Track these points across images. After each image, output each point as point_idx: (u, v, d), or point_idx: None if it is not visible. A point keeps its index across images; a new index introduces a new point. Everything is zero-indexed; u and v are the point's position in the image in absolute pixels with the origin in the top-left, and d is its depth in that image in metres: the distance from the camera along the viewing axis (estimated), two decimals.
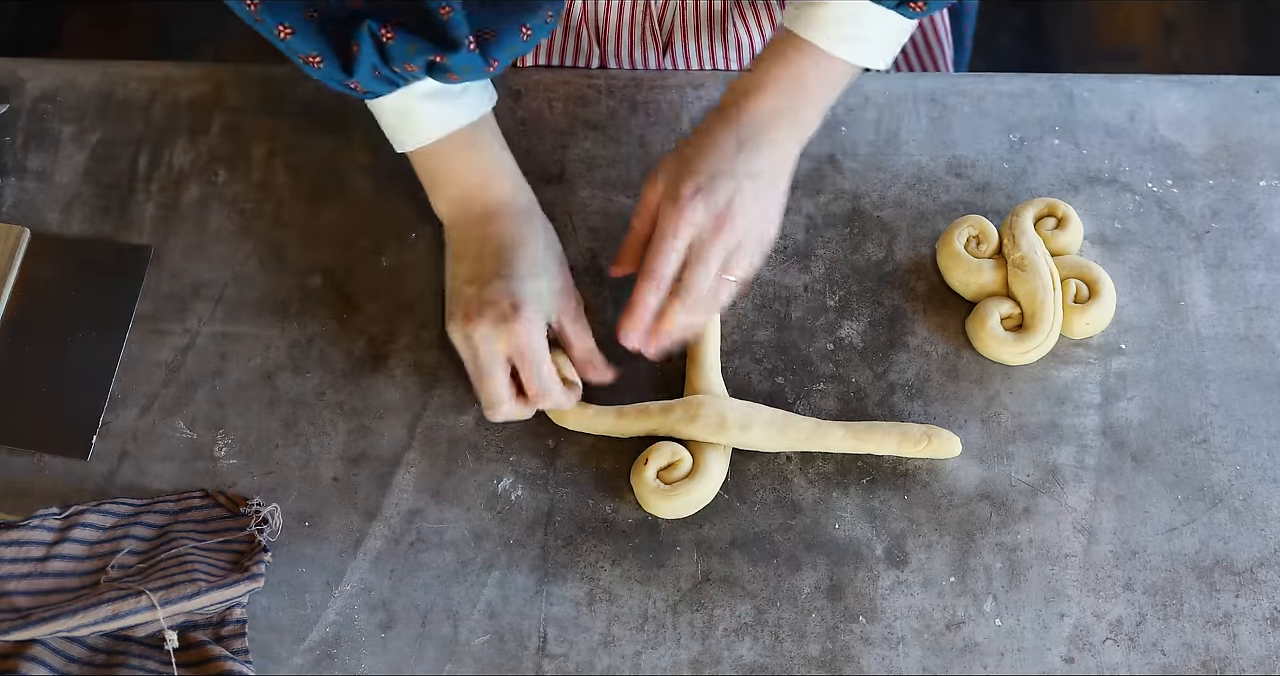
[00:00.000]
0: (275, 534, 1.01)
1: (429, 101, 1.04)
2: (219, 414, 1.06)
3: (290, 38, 0.99)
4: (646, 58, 1.23)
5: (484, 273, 1.04)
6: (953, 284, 1.10)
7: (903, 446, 1.02)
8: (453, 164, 1.07)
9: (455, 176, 1.07)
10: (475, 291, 1.03)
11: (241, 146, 1.17)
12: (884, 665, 0.97)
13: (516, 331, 1.01)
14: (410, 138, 1.06)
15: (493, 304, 1.01)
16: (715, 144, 1.02)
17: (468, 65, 1.00)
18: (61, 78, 1.20)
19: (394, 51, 0.99)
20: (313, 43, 0.99)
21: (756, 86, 1.03)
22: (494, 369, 1.02)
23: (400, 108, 1.04)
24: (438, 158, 1.07)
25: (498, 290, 1.02)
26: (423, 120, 1.04)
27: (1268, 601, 0.99)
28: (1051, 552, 1.01)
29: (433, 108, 1.04)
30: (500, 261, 1.04)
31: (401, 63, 0.99)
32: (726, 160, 1.01)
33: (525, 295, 1.02)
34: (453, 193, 1.07)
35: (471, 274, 1.04)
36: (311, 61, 1.00)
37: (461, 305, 1.03)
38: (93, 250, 1.13)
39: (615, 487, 1.03)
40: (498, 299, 1.02)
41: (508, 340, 1.01)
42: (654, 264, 1.00)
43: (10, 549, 0.99)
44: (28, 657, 0.94)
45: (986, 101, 1.18)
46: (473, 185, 1.07)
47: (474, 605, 0.99)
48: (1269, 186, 1.14)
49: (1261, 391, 1.06)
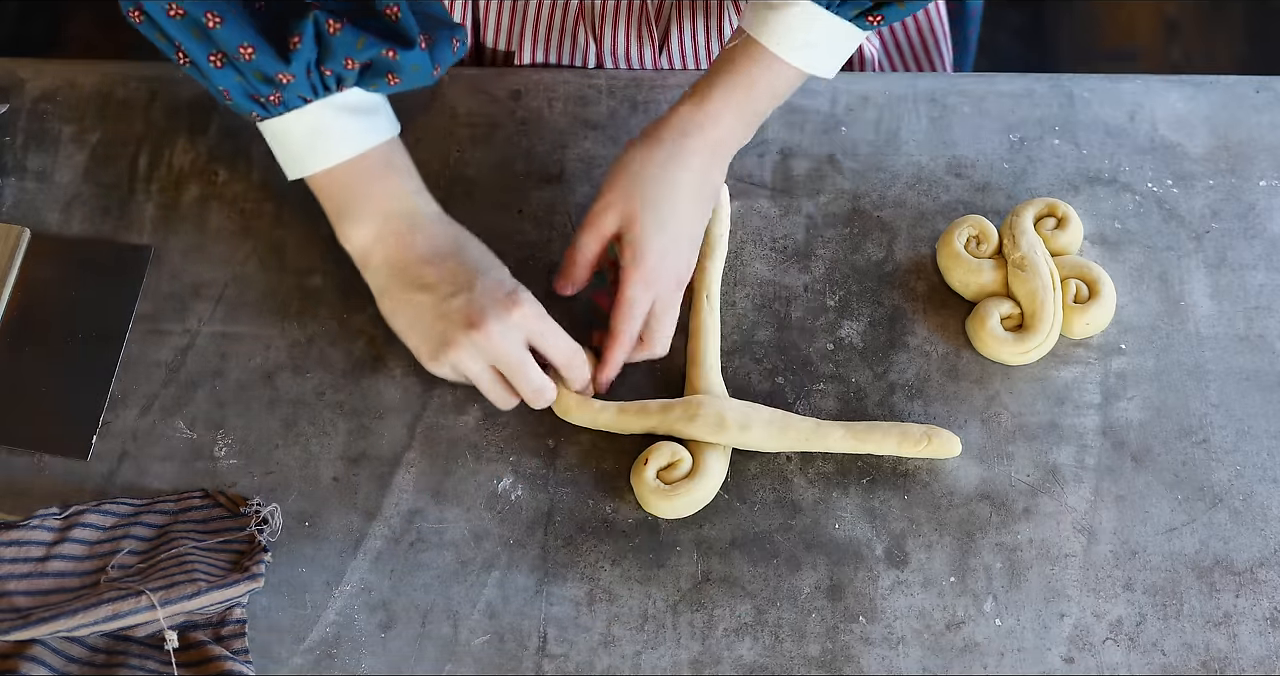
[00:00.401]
0: (275, 534, 1.01)
1: (345, 116, 1.01)
2: (219, 414, 1.06)
3: (218, 28, 0.96)
4: (643, 53, 1.23)
5: (455, 283, 1.01)
6: (953, 284, 1.10)
7: (903, 446, 1.02)
8: (371, 184, 1.03)
9: (376, 197, 1.03)
10: (463, 302, 1.00)
11: (241, 146, 1.17)
12: (884, 665, 0.97)
13: (527, 315, 1.00)
14: (319, 158, 1.02)
15: (491, 301, 1.00)
16: (672, 185, 1.02)
17: (417, 64, 0.99)
18: (61, 78, 1.20)
19: (338, 44, 0.97)
20: (245, 32, 0.96)
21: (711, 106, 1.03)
22: (526, 367, 1.01)
23: (314, 123, 1.01)
24: (354, 178, 1.03)
25: (486, 288, 1.01)
26: (338, 136, 1.01)
27: (1268, 601, 0.99)
28: (1051, 552, 1.01)
29: (349, 122, 1.01)
30: (462, 267, 1.02)
31: (343, 58, 0.97)
32: (684, 206, 1.03)
33: (511, 282, 1.02)
34: (373, 216, 1.03)
35: (442, 293, 1.01)
36: (242, 53, 0.97)
37: (449, 324, 1.00)
38: (93, 250, 1.13)
39: (615, 487, 1.03)
40: (492, 293, 1.00)
41: (523, 327, 1.00)
42: (626, 328, 1.02)
43: (10, 549, 0.99)
44: (28, 657, 0.94)
45: (986, 101, 1.18)
46: (398, 204, 1.03)
47: (474, 605, 0.99)
48: (1269, 186, 1.14)
49: (1261, 391, 1.06)
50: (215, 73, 0.99)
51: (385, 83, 1.01)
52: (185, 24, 0.97)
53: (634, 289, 1.02)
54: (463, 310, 1.00)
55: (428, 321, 1.02)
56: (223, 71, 0.99)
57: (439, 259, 1.02)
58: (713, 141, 1.04)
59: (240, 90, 1.00)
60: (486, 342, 1.00)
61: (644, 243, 1.02)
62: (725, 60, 1.04)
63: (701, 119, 1.04)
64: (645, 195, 1.02)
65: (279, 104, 1.00)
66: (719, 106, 1.04)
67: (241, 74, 0.99)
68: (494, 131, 1.17)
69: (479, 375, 1.02)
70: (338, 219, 1.04)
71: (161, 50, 1.01)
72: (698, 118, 1.04)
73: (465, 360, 1.00)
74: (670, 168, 1.03)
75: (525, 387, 1.02)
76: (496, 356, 1.00)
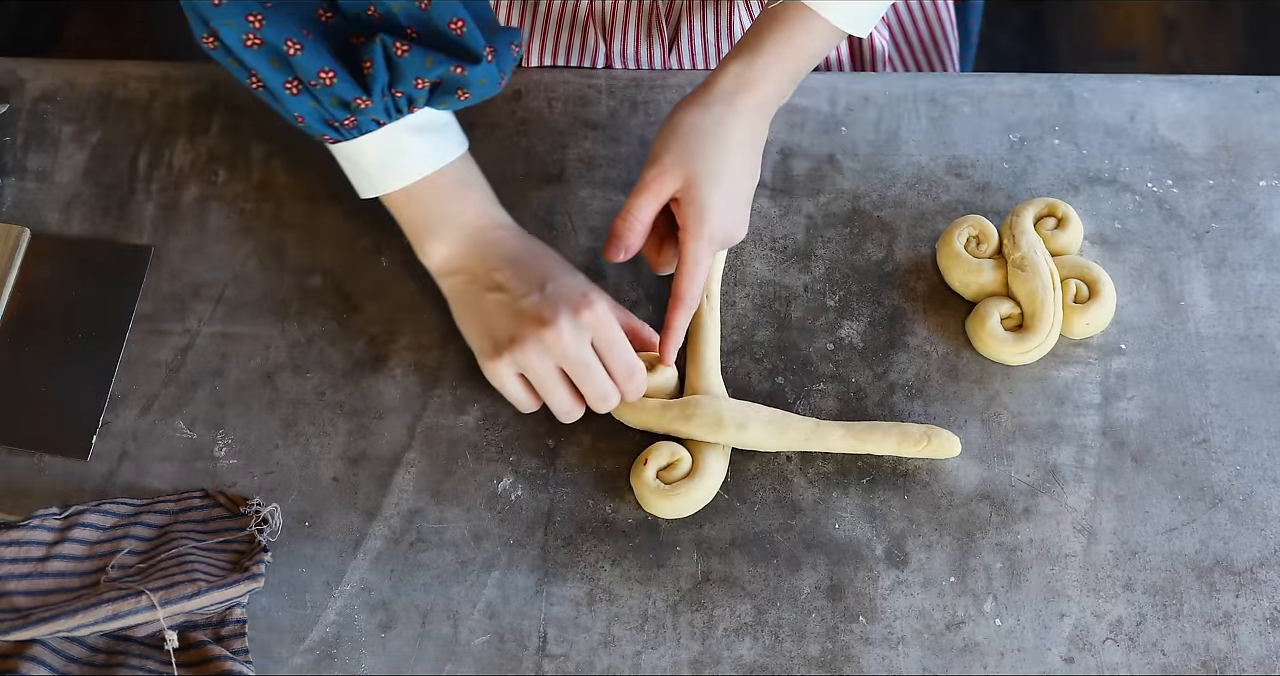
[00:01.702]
0: (275, 534, 1.01)
1: (419, 135, 1.02)
2: (219, 414, 1.06)
3: (298, 55, 0.97)
4: (652, 53, 1.23)
5: (529, 283, 1.02)
6: (953, 284, 1.10)
7: (902, 446, 1.02)
8: (448, 201, 1.05)
9: (453, 213, 1.04)
10: (535, 300, 1.01)
11: (241, 146, 1.17)
12: (884, 665, 0.97)
13: (599, 318, 1.00)
14: (394, 179, 1.03)
15: (564, 301, 1.00)
16: (725, 144, 1.03)
17: (485, 77, 1.00)
18: (61, 78, 1.20)
19: (407, 65, 0.98)
20: (324, 58, 0.97)
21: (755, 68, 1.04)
22: (595, 369, 1.01)
23: (387, 144, 1.02)
24: (430, 195, 1.04)
25: (560, 288, 1.01)
26: (411, 156, 1.03)
27: (1268, 601, 0.99)
28: (1051, 552, 1.01)
29: (423, 141, 1.02)
30: (536, 271, 1.03)
31: (412, 79, 0.98)
32: (737, 165, 1.03)
33: (585, 285, 1.02)
34: (451, 231, 1.04)
35: (515, 293, 1.02)
36: (323, 79, 0.98)
37: (520, 321, 1.00)
38: (93, 250, 1.13)
39: (615, 487, 1.03)
40: (566, 294, 1.01)
41: (593, 329, 1.00)
42: (692, 289, 1.02)
43: (10, 549, 0.99)
44: (28, 657, 0.94)
45: (986, 101, 1.18)
46: (474, 218, 1.05)
47: (474, 605, 0.99)
48: (1269, 186, 1.14)
49: (1261, 391, 1.06)
50: (291, 99, 1.00)
51: (455, 98, 1.01)
52: (263, 52, 0.98)
53: (698, 249, 1.02)
54: (535, 308, 1.00)
55: (498, 320, 1.02)
56: (298, 98, 1.00)
57: (515, 264, 1.03)
58: (759, 101, 1.05)
59: (315, 116, 1.01)
60: (556, 341, 0.99)
61: (705, 202, 1.02)
62: (767, 20, 1.05)
63: (748, 80, 1.04)
64: (701, 155, 1.02)
65: (353, 128, 1.01)
66: (763, 67, 1.04)
67: (317, 100, 0.99)
68: (494, 131, 1.17)
69: (545, 375, 1.01)
70: (416, 235, 1.05)
71: (234, 74, 1.01)
72: (744, 79, 1.04)
73: (533, 358, 1.00)
74: (722, 128, 1.03)
75: (592, 389, 1.01)
76: (565, 355, 1.00)
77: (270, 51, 0.98)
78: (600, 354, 1.01)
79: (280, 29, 0.97)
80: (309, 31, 0.98)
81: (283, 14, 0.97)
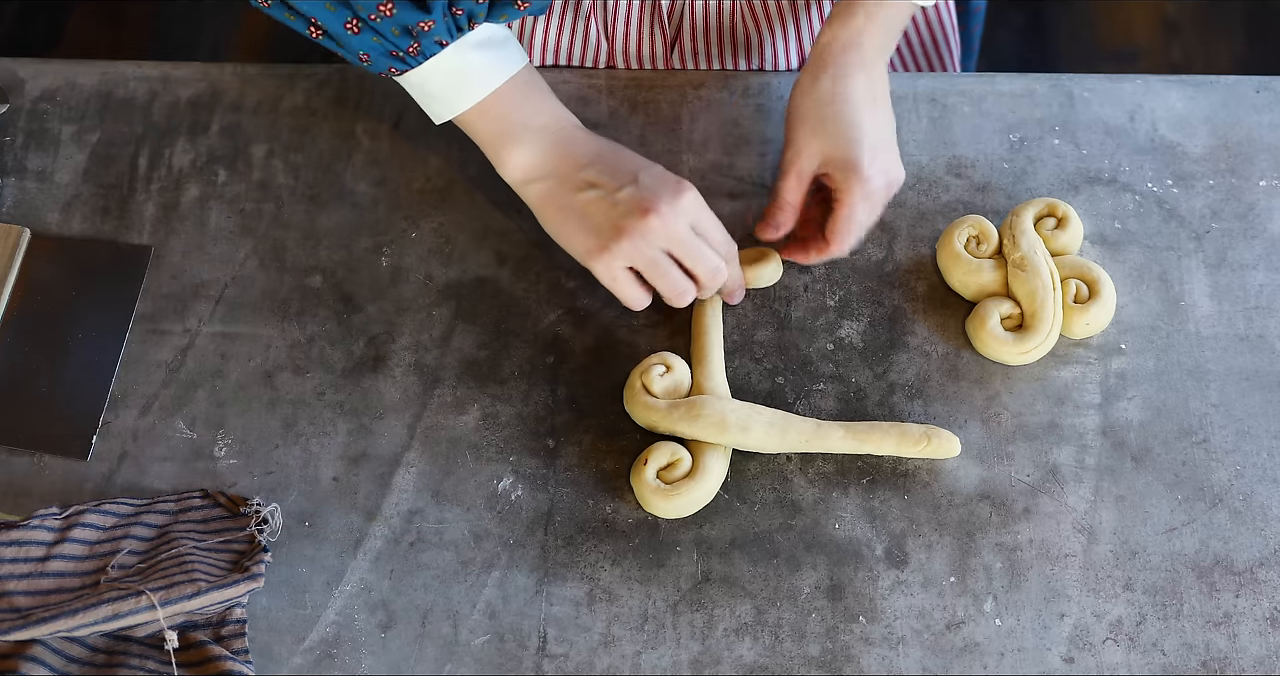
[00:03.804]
0: (275, 534, 1.01)
1: (481, 51, 1.03)
2: (219, 414, 1.06)
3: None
4: (655, 53, 1.24)
5: (620, 178, 1.03)
6: (953, 284, 1.10)
7: (902, 446, 1.02)
8: (522, 108, 1.05)
9: (529, 119, 1.05)
10: (632, 191, 1.02)
11: (241, 146, 1.17)
12: (884, 665, 0.97)
13: (695, 201, 1.02)
14: (466, 97, 1.04)
15: (661, 187, 1.02)
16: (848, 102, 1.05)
17: None
18: (61, 78, 1.20)
19: None
20: None
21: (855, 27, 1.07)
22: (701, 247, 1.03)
23: (453, 65, 1.03)
24: (504, 107, 1.05)
25: (653, 177, 1.03)
26: (479, 70, 1.03)
27: (1268, 601, 0.99)
28: (1051, 552, 1.01)
29: (486, 56, 1.03)
30: (623, 164, 1.04)
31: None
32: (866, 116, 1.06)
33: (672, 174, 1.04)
34: (529, 137, 1.05)
35: (609, 187, 1.03)
36: (382, 10, 0.98)
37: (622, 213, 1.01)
38: (93, 250, 1.13)
39: (615, 487, 1.03)
40: (660, 181, 1.02)
41: (691, 212, 1.02)
42: (846, 242, 1.06)
43: (10, 549, 0.99)
44: (28, 657, 0.94)
45: (986, 101, 1.18)
46: (550, 121, 1.06)
47: (474, 605, 0.99)
48: (1269, 186, 1.14)
49: (1261, 391, 1.06)
50: (353, 39, 1.01)
51: (514, 9, 1.02)
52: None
53: (857, 206, 1.05)
54: (634, 197, 1.02)
55: (597, 215, 1.03)
56: (360, 36, 1.01)
57: (600, 161, 1.04)
58: (867, 57, 1.07)
59: (379, 51, 1.02)
60: (661, 226, 1.01)
61: (852, 162, 1.04)
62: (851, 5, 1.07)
63: (848, 41, 1.06)
64: (830, 123, 1.05)
65: (417, 55, 1.02)
66: (860, 27, 1.06)
67: (379, 34, 1.00)
68: None
69: (654, 260, 1.02)
70: (494, 148, 1.06)
71: (293, 28, 1.02)
72: (845, 41, 1.06)
73: (641, 246, 1.01)
74: (839, 93, 1.05)
75: (702, 266, 1.03)
76: (671, 238, 1.02)
77: None
78: (700, 235, 1.03)
79: None
80: None
81: None
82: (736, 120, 1.17)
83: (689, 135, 1.17)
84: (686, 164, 1.15)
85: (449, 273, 1.11)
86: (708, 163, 1.15)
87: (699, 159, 1.16)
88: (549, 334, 1.08)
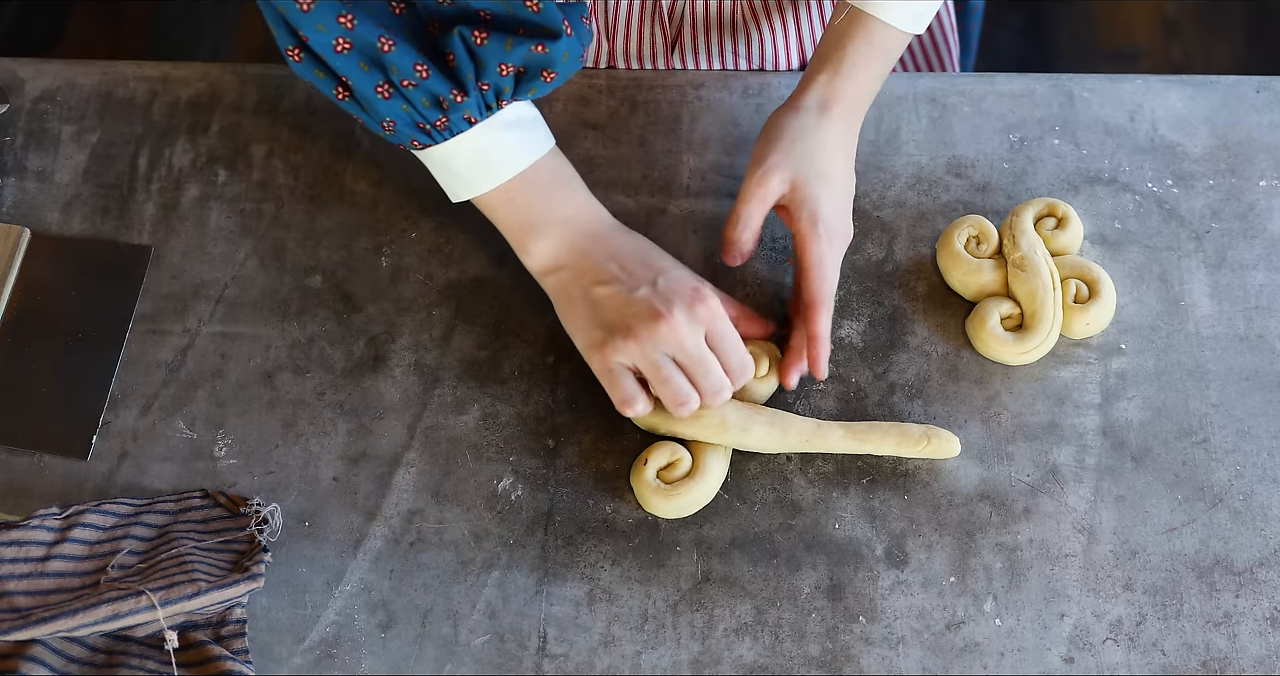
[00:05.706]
0: (275, 534, 1.01)
1: (509, 131, 1.01)
2: (219, 414, 1.06)
3: (392, 51, 0.95)
4: (655, 53, 1.24)
5: (640, 277, 1.01)
6: (953, 284, 1.10)
7: (902, 446, 1.02)
8: (547, 196, 1.03)
9: (554, 208, 1.03)
10: (648, 293, 0.99)
11: (241, 146, 1.17)
12: (884, 665, 0.97)
13: (712, 312, 0.99)
14: (490, 177, 1.02)
15: (677, 294, 0.99)
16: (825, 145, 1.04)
17: (567, 51, 0.98)
18: (61, 78, 1.20)
19: (488, 53, 0.96)
20: (415, 51, 0.96)
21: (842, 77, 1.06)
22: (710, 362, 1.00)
23: (479, 143, 1.00)
24: (527, 193, 1.02)
25: (671, 282, 1.00)
26: (502, 153, 1.01)
27: (1268, 601, 0.99)
28: (1051, 552, 1.01)
29: (514, 137, 1.01)
30: (645, 264, 1.02)
31: (496, 66, 0.97)
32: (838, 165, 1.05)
33: (696, 279, 1.02)
34: (553, 227, 1.02)
35: (626, 286, 1.00)
36: (418, 73, 0.96)
37: (633, 315, 0.99)
38: (93, 250, 1.13)
39: (615, 487, 1.03)
40: (678, 287, 1.00)
41: (706, 323, 0.99)
42: (826, 290, 1.03)
43: (10, 549, 0.99)
44: (28, 657, 0.94)
45: (986, 101, 1.18)
46: (575, 212, 1.03)
47: (474, 605, 1.00)
48: (1269, 186, 1.14)
49: (1261, 391, 1.06)
50: (382, 104, 0.98)
51: (542, 82, 0.99)
52: (353, 56, 0.96)
53: (820, 248, 1.02)
54: (648, 301, 0.99)
55: (609, 312, 1.00)
56: (390, 102, 0.98)
57: (623, 258, 1.02)
58: (850, 107, 1.06)
59: (406, 120, 0.99)
60: (670, 333, 0.98)
61: (817, 201, 1.03)
62: (842, 30, 1.06)
63: (836, 89, 1.06)
64: (804, 157, 1.04)
65: (444, 130, 1.00)
66: (847, 75, 1.06)
67: (409, 102, 0.98)
68: None
69: (657, 365, 0.99)
70: (518, 237, 1.04)
71: (317, 87, 1.00)
72: (833, 88, 1.06)
73: (648, 349, 0.98)
74: (819, 131, 1.04)
75: (708, 383, 1.00)
76: (679, 347, 0.99)
77: (361, 53, 0.96)
78: (714, 348, 1.00)
79: (371, 26, 0.95)
80: (390, 28, 0.96)
81: (367, 12, 0.96)
82: (736, 120, 1.17)
83: (689, 135, 1.17)
84: (686, 164, 1.15)
85: (449, 273, 1.11)
86: (708, 163, 1.15)
87: (699, 159, 1.16)
88: (549, 334, 1.08)
